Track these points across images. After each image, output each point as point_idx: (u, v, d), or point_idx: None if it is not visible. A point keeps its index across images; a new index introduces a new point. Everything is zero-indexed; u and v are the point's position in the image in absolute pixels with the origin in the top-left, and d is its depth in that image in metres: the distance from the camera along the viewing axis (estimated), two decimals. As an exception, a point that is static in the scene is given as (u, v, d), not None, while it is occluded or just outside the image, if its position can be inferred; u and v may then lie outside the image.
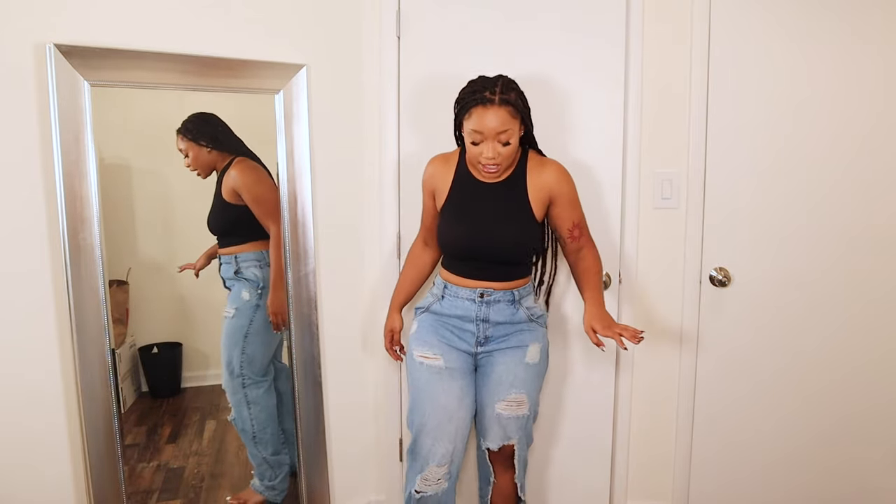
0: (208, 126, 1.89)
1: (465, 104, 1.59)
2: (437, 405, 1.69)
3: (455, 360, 1.73)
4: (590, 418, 2.15)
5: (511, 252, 1.70)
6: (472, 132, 1.59)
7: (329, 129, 1.97)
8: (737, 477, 2.18)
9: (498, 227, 1.68)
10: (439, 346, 1.73)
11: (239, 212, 1.92)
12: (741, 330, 2.09)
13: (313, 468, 2.02)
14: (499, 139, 1.57)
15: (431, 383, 1.71)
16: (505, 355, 1.74)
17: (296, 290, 1.92)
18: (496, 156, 1.59)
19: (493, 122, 1.55)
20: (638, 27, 1.98)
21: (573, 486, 2.19)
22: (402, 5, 1.96)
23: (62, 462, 1.67)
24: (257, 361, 2.01)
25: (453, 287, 1.75)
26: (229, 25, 1.78)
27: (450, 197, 1.73)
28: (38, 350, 1.62)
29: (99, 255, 1.61)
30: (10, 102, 1.53)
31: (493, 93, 1.56)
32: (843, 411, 2.10)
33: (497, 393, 1.71)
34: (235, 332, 1.99)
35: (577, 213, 1.74)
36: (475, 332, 1.75)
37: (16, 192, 1.56)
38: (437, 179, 1.76)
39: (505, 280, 1.73)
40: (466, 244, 1.70)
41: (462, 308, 1.74)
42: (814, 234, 2.02)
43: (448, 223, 1.73)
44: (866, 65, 1.94)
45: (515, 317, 1.74)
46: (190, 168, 1.90)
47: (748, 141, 2.00)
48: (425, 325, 1.78)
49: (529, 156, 1.73)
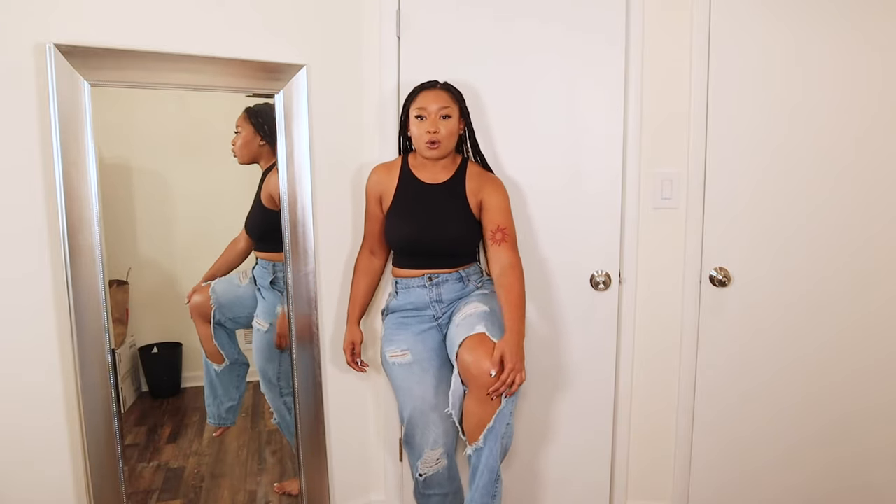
0: (273, 119, 1.86)
1: (413, 92, 1.84)
2: (415, 398, 1.81)
3: (423, 350, 1.84)
4: (590, 418, 2.15)
5: (456, 244, 1.86)
6: (416, 108, 1.80)
7: (329, 129, 1.97)
8: (737, 477, 2.18)
9: (442, 225, 1.84)
10: (405, 341, 1.85)
11: (278, 218, 1.90)
12: (741, 330, 2.09)
13: (313, 468, 2.02)
14: (441, 114, 1.78)
15: (405, 379, 1.83)
16: (459, 313, 1.81)
17: (296, 291, 1.91)
18: (438, 129, 1.78)
19: (435, 99, 1.79)
20: (638, 27, 1.98)
21: (573, 486, 2.19)
22: (402, 5, 1.96)
23: (62, 462, 1.67)
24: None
25: (404, 280, 1.89)
26: (229, 25, 1.78)
27: (396, 198, 1.88)
28: (38, 350, 1.62)
29: (99, 255, 1.61)
30: (10, 102, 1.53)
31: (436, 83, 1.84)
32: (844, 411, 2.10)
33: (458, 337, 1.70)
34: (271, 348, 2.00)
35: (505, 218, 1.84)
36: (433, 314, 1.87)
37: (16, 192, 1.56)
38: (382, 185, 1.91)
39: (451, 267, 1.87)
40: (415, 239, 1.84)
41: (415, 295, 1.87)
42: (814, 234, 2.02)
43: (397, 222, 1.87)
44: (866, 64, 1.94)
45: (465, 291, 1.87)
46: (233, 149, 1.89)
47: (748, 141, 2.00)
48: (390, 325, 1.91)
49: (469, 164, 1.90)
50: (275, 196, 1.90)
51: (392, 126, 2.01)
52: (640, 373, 2.16)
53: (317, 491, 2.04)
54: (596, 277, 2.07)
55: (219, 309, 1.95)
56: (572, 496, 2.20)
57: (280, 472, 2.11)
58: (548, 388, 2.14)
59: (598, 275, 2.07)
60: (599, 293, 2.08)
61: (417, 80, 1.87)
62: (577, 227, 2.05)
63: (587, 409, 2.15)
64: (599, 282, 2.07)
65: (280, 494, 2.08)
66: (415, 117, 1.81)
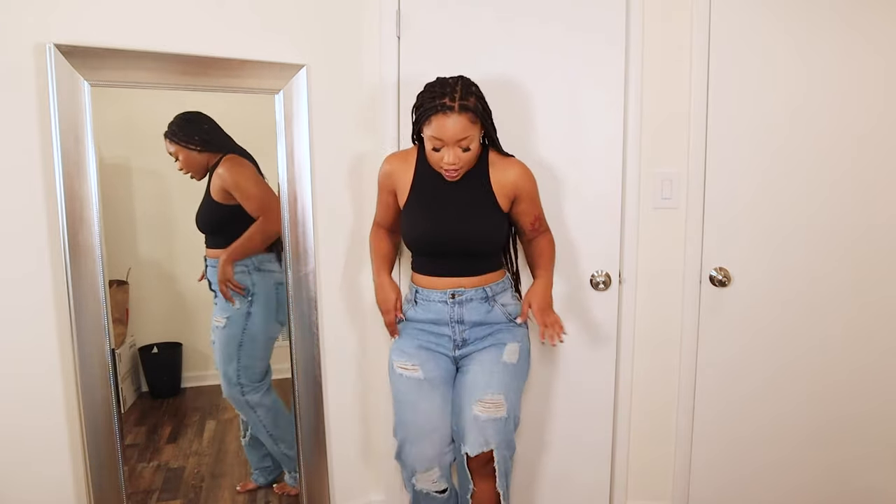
0: (193, 126, 1.85)
1: (425, 111, 1.59)
2: (418, 416, 1.70)
3: (434, 368, 1.73)
4: (590, 418, 2.15)
5: (480, 243, 1.71)
6: (432, 139, 1.59)
7: (329, 129, 1.97)
8: (737, 477, 2.18)
9: (465, 220, 1.69)
10: (417, 356, 1.73)
11: (227, 211, 1.89)
12: (741, 330, 2.09)
13: (313, 468, 2.02)
14: (459, 145, 1.59)
15: (411, 394, 1.72)
16: (482, 355, 1.72)
17: (296, 290, 1.91)
18: (457, 161, 1.60)
19: (452, 129, 1.56)
20: (638, 27, 1.98)
21: (573, 486, 2.19)
22: (402, 5, 1.96)
23: (62, 462, 1.67)
24: (254, 368, 2.00)
25: (424, 290, 1.75)
26: (229, 25, 1.78)
27: (412, 193, 1.73)
28: (38, 350, 1.62)
29: (99, 255, 1.61)
30: (10, 102, 1.53)
31: (453, 99, 1.56)
32: (843, 411, 2.10)
33: (473, 393, 1.67)
34: (229, 343, 1.97)
35: (538, 207, 1.79)
36: (451, 336, 1.74)
37: (16, 193, 1.56)
38: (396, 177, 1.75)
39: (475, 274, 1.73)
40: (435, 239, 1.69)
41: (435, 311, 1.74)
42: (814, 234, 2.02)
43: (414, 220, 1.72)
44: (867, 65, 1.94)
45: (491, 315, 1.74)
46: (183, 171, 1.86)
47: (748, 141, 2.00)
48: (403, 334, 1.79)
49: (490, 152, 1.73)
50: (226, 186, 1.86)
51: (392, 126, 2.01)
52: (639, 373, 2.16)
53: (317, 491, 2.04)
54: (596, 277, 2.07)
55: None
56: (572, 496, 2.20)
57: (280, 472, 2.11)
58: (548, 388, 2.14)
59: (598, 275, 2.07)
60: (599, 293, 2.08)
61: (418, 80, 1.82)
62: (577, 227, 2.05)
63: (587, 409, 2.15)
64: (599, 282, 2.07)
65: (280, 494, 2.08)
66: (431, 149, 1.62)
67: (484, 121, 1.63)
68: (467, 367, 1.73)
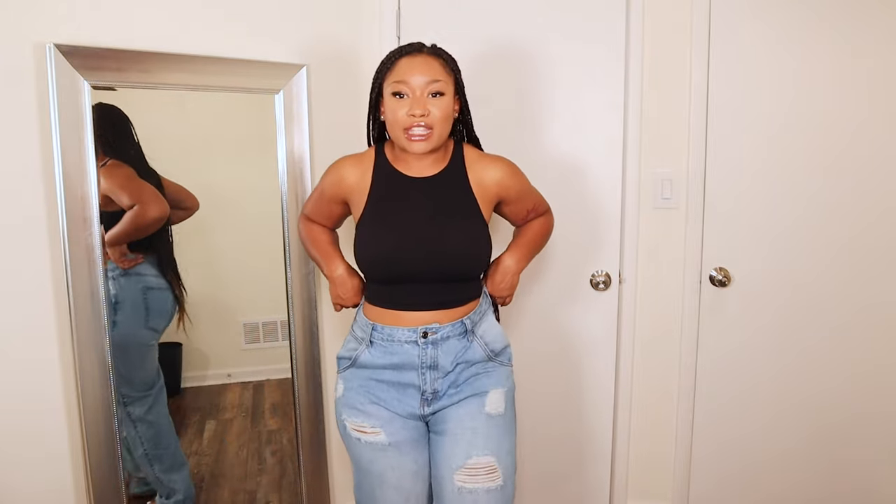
0: (104, 122, 1.65)
1: (388, 59, 1.34)
2: (386, 487, 1.38)
3: (400, 429, 1.38)
4: (590, 417, 2.16)
5: (460, 261, 1.35)
6: (395, 84, 1.30)
7: (329, 129, 1.97)
8: (736, 476, 2.18)
9: (440, 230, 1.34)
10: (377, 415, 1.37)
11: (108, 218, 1.70)
12: (741, 330, 2.09)
13: (313, 468, 2.02)
14: (430, 90, 1.29)
15: (375, 463, 1.38)
16: (459, 408, 1.36)
17: (296, 291, 1.91)
18: (426, 112, 1.29)
19: (420, 68, 1.29)
20: (638, 26, 1.98)
21: (573, 485, 2.20)
22: (402, 5, 1.96)
23: (62, 462, 1.67)
24: (133, 378, 1.83)
25: (385, 328, 1.37)
26: (229, 25, 1.78)
27: (370, 203, 1.38)
28: (38, 350, 1.62)
29: (99, 255, 1.61)
30: (10, 103, 1.53)
31: (423, 46, 1.36)
32: (843, 411, 2.10)
33: (453, 460, 1.33)
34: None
35: (532, 198, 1.51)
36: (420, 386, 1.37)
37: (16, 193, 1.56)
38: (349, 184, 1.43)
39: (455, 305, 1.37)
40: (400, 258, 1.32)
41: (400, 354, 1.36)
42: (814, 235, 2.02)
43: (372, 235, 1.35)
44: (869, 64, 1.94)
45: (468, 354, 1.38)
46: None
47: (748, 141, 2.00)
48: (353, 387, 1.40)
49: (465, 149, 1.44)
50: (105, 192, 1.67)
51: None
52: (639, 372, 2.16)
53: (317, 491, 2.04)
54: (596, 277, 2.07)
55: None
56: (572, 495, 2.20)
57: (280, 472, 2.11)
58: (547, 387, 2.14)
59: (598, 275, 2.07)
60: (599, 293, 2.08)
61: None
62: (577, 227, 2.05)
63: (587, 409, 2.15)
64: (599, 282, 2.07)
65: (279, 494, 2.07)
66: (392, 94, 1.30)
67: (458, 85, 1.38)
68: (442, 426, 1.38)
